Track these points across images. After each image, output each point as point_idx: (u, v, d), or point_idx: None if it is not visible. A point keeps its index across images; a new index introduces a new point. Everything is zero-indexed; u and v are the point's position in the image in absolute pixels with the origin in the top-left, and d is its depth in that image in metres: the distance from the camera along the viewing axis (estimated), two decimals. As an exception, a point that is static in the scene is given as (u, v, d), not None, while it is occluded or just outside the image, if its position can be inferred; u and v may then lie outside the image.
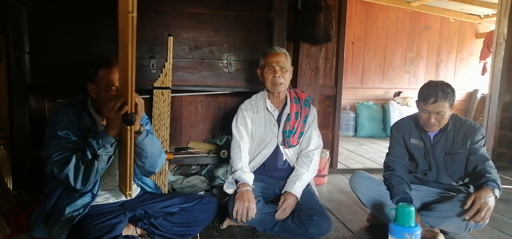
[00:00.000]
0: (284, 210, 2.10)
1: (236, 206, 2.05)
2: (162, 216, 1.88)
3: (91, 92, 1.73)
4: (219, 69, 2.82)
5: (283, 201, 2.13)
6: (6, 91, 2.54)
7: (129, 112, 1.49)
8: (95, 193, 1.75)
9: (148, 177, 2.07)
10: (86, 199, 1.73)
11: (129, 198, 1.70)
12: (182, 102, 3.06)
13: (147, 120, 1.94)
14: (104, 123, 1.70)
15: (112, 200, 1.87)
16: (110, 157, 1.63)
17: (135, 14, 1.29)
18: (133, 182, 1.78)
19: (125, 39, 1.34)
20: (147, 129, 1.74)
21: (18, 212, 2.11)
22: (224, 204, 2.25)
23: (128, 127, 1.51)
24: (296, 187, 2.18)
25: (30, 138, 2.55)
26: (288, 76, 2.29)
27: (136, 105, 1.52)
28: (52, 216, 1.72)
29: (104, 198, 1.85)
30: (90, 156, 1.59)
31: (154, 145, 1.79)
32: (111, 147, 1.61)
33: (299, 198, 2.18)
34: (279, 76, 2.23)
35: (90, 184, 1.65)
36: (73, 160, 1.58)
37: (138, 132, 1.66)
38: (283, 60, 2.25)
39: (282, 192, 2.21)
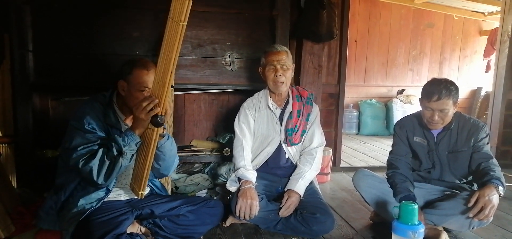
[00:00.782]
0: (287, 208, 2.10)
1: (239, 203, 2.06)
2: (168, 217, 1.89)
3: (120, 90, 1.76)
4: (222, 67, 2.82)
5: (286, 199, 2.13)
6: (10, 90, 2.55)
7: (159, 114, 1.55)
8: (110, 189, 1.78)
9: (160, 179, 2.09)
10: (101, 193, 1.75)
11: (141, 198, 1.72)
12: (185, 100, 3.06)
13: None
14: (128, 122, 1.75)
15: (123, 197, 1.89)
16: (133, 155, 1.66)
17: (185, 23, 1.40)
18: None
19: (172, 45, 1.44)
20: (167, 134, 1.79)
21: (22, 210, 2.12)
22: (227, 202, 2.26)
23: (155, 129, 1.58)
24: (299, 185, 2.18)
25: (34, 136, 2.56)
26: (290, 74, 2.28)
27: (166, 109, 1.58)
28: (65, 206, 1.74)
29: (116, 194, 1.87)
30: (115, 153, 1.60)
31: (173, 149, 1.86)
32: (136, 146, 1.64)
33: (302, 196, 2.18)
34: (280, 75, 2.23)
35: (112, 179, 1.69)
36: (99, 154, 1.61)
37: (162, 135, 1.72)
38: (284, 59, 2.25)
39: (285, 190, 2.21)
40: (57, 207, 1.76)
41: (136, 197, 1.89)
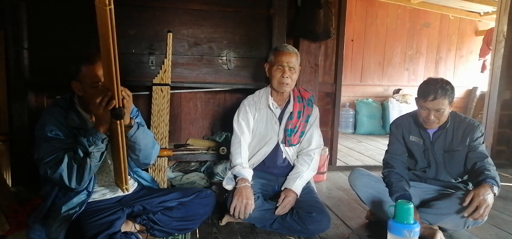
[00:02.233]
0: (284, 206, 2.10)
1: (234, 202, 2.06)
2: (161, 211, 1.88)
3: (76, 90, 1.71)
4: (218, 65, 2.81)
5: (283, 198, 2.13)
6: (5, 87, 2.54)
7: (117, 106, 1.48)
8: (90, 190, 1.75)
9: (144, 169, 2.05)
10: (82, 197, 1.73)
11: (126, 192, 1.70)
12: (181, 98, 3.06)
13: (137, 112, 1.93)
14: (94, 120, 1.68)
15: (109, 195, 1.87)
16: (102, 153, 1.62)
17: (112, 7, 1.28)
18: (128, 176, 1.77)
19: (105, 33, 1.33)
20: (137, 122, 1.72)
21: (18, 208, 2.11)
22: (223, 201, 2.25)
23: (118, 122, 1.51)
24: (296, 184, 2.18)
25: (29, 134, 2.55)
26: (295, 76, 2.28)
27: (123, 98, 1.51)
28: (50, 215, 1.72)
29: (101, 194, 1.85)
30: (82, 154, 1.58)
31: (146, 137, 1.77)
32: (102, 143, 1.60)
33: (298, 196, 2.18)
34: (287, 77, 2.22)
35: (85, 182, 1.65)
36: (65, 160, 1.57)
37: (129, 126, 1.64)
38: (294, 61, 2.24)
39: (282, 188, 2.21)
40: (42, 214, 1.74)
41: (125, 194, 1.87)
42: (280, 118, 2.31)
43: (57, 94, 2.73)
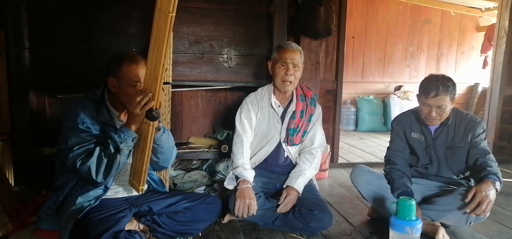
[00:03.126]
0: (286, 204, 2.11)
1: (237, 203, 2.05)
2: (166, 214, 1.88)
3: (111, 86, 1.74)
4: (219, 64, 2.81)
5: (285, 196, 2.13)
6: (6, 87, 2.54)
7: (154, 108, 1.54)
8: (108, 186, 1.77)
9: (158, 171, 2.08)
10: (99, 191, 1.74)
11: (141, 193, 1.71)
12: (182, 97, 3.06)
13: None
14: (122, 117, 1.72)
15: (121, 194, 1.89)
16: (130, 151, 1.65)
17: (174, 14, 1.37)
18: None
19: (161, 37, 1.41)
20: (164, 126, 1.77)
21: (20, 207, 2.11)
22: (225, 199, 2.25)
23: (150, 123, 1.56)
24: (298, 182, 2.18)
25: (31, 134, 2.55)
26: (299, 74, 2.26)
27: (160, 102, 1.57)
28: (63, 205, 1.74)
29: (114, 192, 1.87)
30: (112, 150, 1.59)
31: (170, 141, 1.85)
32: (133, 142, 1.63)
33: (300, 194, 2.18)
34: (291, 74, 2.20)
35: (111, 177, 1.67)
36: (96, 153, 1.59)
37: (158, 128, 1.71)
38: (298, 59, 2.22)
39: (284, 186, 2.21)
40: (56, 206, 1.75)
41: (134, 194, 1.89)
42: (283, 117, 2.29)
43: (59, 93, 2.74)
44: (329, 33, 3.04)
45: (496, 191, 1.87)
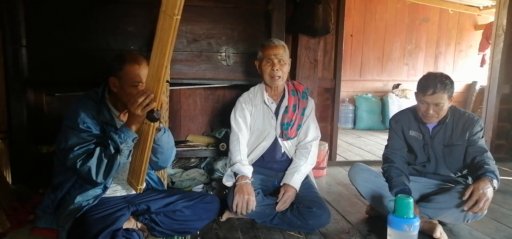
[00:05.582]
0: (284, 202, 2.11)
1: (236, 199, 2.06)
2: (164, 213, 1.89)
3: (112, 86, 1.73)
4: (217, 62, 2.81)
5: (283, 194, 2.13)
6: (4, 86, 2.53)
7: (155, 109, 1.54)
8: (107, 186, 1.77)
9: (157, 171, 2.07)
10: (98, 190, 1.74)
11: (139, 192, 1.71)
12: (180, 95, 3.05)
13: None
14: (122, 117, 1.72)
15: (119, 193, 1.88)
16: (130, 151, 1.65)
17: (179, 17, 1.36)
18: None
19: (165, 39, 1.42)
20: (164, 127, 1.77)
21: (18, 206, 2.11)
22: (223, 197, 2.26)
23: (151, 124, 1.57)
24: (294, 179, 2.18)
25: (29, 132, 2.55)
26: (286, 68, 2.28)
27: (161, 103, 1.57)
28: (61, 204, 1.73)
29: (113, 190, 1.86)
30: (113, 150, 1.59)
31: (170, 141, 1.85)
32: (133, 142, 1.63)
33: (298, 190, 2.19)
34: (277, 69, 2.22)
35: (111, 177, 1.67)
36: (97, 153, 1.59)
37: (158, 129, 1.71)
38: (282, 53, 2.24)
39: (281, 184, 2.21)
40: (54, 205, 1.75)
41: (132, 193, 1.88)
42: (276, 113, 2.31)
43: (56, 91, 2.72)
44: (327, 31, 3.04)
45: (494, 189, 1.87)
